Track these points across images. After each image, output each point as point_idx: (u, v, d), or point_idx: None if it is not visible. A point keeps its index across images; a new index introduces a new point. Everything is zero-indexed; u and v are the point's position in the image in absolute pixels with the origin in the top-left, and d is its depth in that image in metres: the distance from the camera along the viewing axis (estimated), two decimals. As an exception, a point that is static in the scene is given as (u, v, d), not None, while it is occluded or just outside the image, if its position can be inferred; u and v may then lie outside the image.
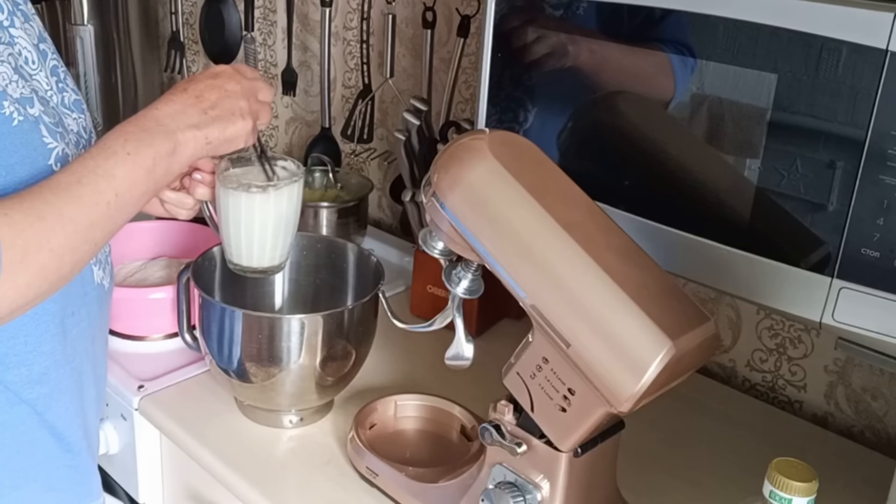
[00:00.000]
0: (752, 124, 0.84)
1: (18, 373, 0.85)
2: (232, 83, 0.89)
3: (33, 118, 0.82)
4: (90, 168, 0.79)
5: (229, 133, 0.88)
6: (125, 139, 0.82)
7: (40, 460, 0.90)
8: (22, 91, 0.82)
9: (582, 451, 0.83)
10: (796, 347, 1.21)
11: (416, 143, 1.32)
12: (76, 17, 1.86)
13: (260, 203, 0.96)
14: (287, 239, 1.01)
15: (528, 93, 1.02)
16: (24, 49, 0.86)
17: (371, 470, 1.01)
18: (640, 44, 0.91)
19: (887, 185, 0.75)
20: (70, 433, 0.92)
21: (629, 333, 0.74)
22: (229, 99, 0.88)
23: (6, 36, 0.84)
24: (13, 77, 0.82)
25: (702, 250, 0.89)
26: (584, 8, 0.94)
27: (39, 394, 0.87)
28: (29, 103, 0.83)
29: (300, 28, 1.78)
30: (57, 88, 0.90)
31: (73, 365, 0.91)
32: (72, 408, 0.92)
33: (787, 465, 0.72)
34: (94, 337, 0.95)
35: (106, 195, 0.79)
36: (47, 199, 0.76)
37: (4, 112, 0.79)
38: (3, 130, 0.79)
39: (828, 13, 0.77)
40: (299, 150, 1.87)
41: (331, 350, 1.06)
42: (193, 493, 1.17)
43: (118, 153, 0.81)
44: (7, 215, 0.72)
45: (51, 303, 0.85)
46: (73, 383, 0.91)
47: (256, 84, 0.92)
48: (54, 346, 0.87)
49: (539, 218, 0.79)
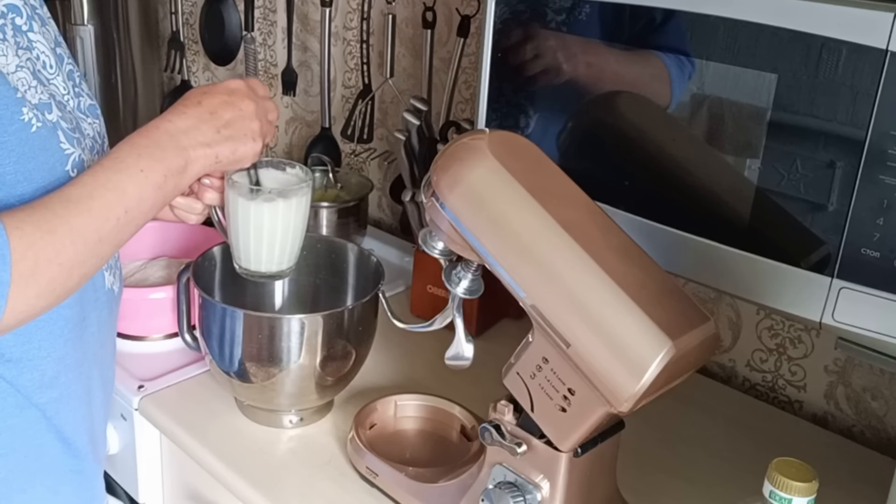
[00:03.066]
0: (752, 124, 0.84)
1: (31, 377, 0.85)
2: (247, 102, 0.89)
3: (51, 124, 0.82)
4: (101, 182, 0.79)
5: (239, 154, 0.88)
6: (138, 154, 0.81)
7: (47, 465, 0.90)
8: (41, 97, 0.82)
9: (582, 451, 0.83)
10: (796, 347, 1.21)
11: (416, 143, 1.32)
12: (76, 17, 1.86)
13: (269, 210, 0.96)
14: (296, 244, 1.01)
15: (528, 93, 1.02)
16: (41, 53, 0.86)
17: (371, 470, 1.01)
18: (641, 44, 0.91)
19: (887, 185, 0.75)
20: (76, 438, 0.92)
21: (629, 333, 0.74)
22: (243, 120, 0.88)
23: (25, 40, 0.84)
24: (32, 82, 0.82)
25: (702, 250, 0.89)
26: (584, 8, 0.94)
27: (49, 398, 0.87)
28: (47, 109, 0.82)
29: (300, 28, 1.78)
30: (73, 93, 0.90)
31: (83, 370, 0.91)
32: (79, 413, 0.92)
33: (787, 465, 0.72)
34: (104, 342, 0.95)
35: (116, 210, 0.79)
36: (58, 213, 0.76)
37: (23, 118, 0.78)
38: (22, 137, 0.78)
39: (828, 13, 0.77)
40: (299, 150, 1.87)
41: (331, 350, 1.06)
42: (193, 493, 1.17)
43: (130, 168, 0.81)
44: (18, 227, 0.72)
45: (66, 308, 0.85)
46: (81, 388, 0.91)
47: (268, 104, 0.92)
48: (66, 350, 0.87)
49: (539, 218, 0.79)
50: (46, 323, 0.84)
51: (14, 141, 0.78)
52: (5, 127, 0.77)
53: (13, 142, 0.78)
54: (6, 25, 0.82)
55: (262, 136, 0.90)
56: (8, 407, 0.84)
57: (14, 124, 0.78)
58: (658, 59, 0.89)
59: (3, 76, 0.78)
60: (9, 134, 0.77)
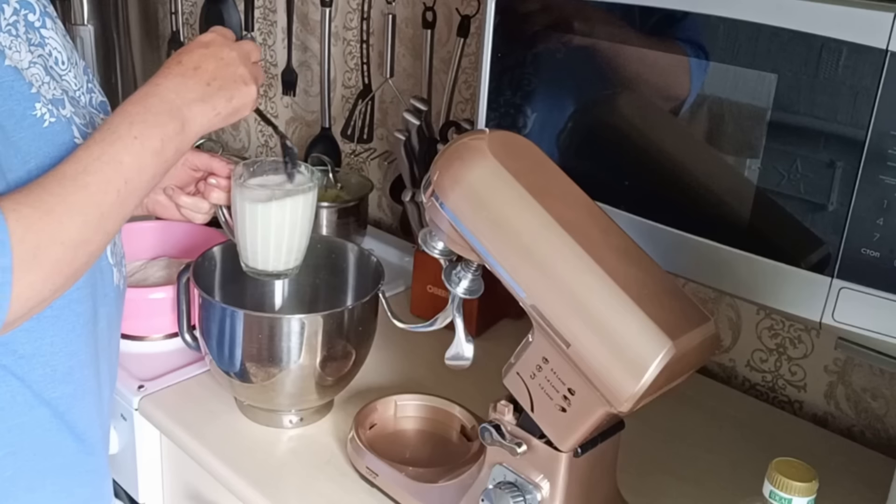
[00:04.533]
0: (752, 124, 0.84)
1: (43, 372, 0.84)
2: (225, 50, 0.86)
3: (66, 118, 0.81)
4: (95, 155, 0.77)
5: (236, 102, 0.86)
6: (130, 122, 0.79)
7: (60, 464, 0.89)
8: (54, 92, 0.82)
9: (582, 451, 0.83)
10: (796, 347, 1.21)
11: (416, 143, 1.32)
12: (76, 17, 1.86)
13: (276, 210, 0.97)
14: (302, 243, 1.02)
15: (528, 93, 1.02)
16: (53, 50, 0.86)
17: (371, 470, 1.01)
18: (641, 45, 0.91)
19: (887, 185, 0.75)
20: (90, 433, 0.91)
21: (629, 333, 0.74)
22: (229, 67, 0.86)
23: (37, 37, 0.84)
24: (45, 78, 0.82)
25: (702, 250, 0.89)
26: (585, 8, 0.94)
27: (63, 393, 0.86)
28: (61, 104, 0.82)
29: (300, 28, 1.78)
30: (86, 88, 0.90)
31: (96, 366, 0.91)
32: (93, 408, 0.92)
33: (787, 465, 0.72)
34: (111, 338, 0.95)
35: (115, 183, 0.77)
36: (54, 192, 0.74)
37: (35, 114, 0.78)
38: (35, 132, 0.78)
39: (828, 13, 0.77)
40: (299, 151, 1.87)
41: (331, 350, 1.06)
42: (193, 493, 1.17)
43: (124, 138, 0.78)
44: (16, 210, 0.71)
45: (78, 303, 0.84)
46: (93, 384, 0.91)
47: (246, 46, 0.89)
48: (79, 346, 0.87)
49: (539, 218, 0.79)
50: (59, 318, 0.83)
51: (28, 136, 0.77)
52: (18, 122, 0.77)
53: (27, 137, 0.77)
54: (18, 22, 0.82)
55: (254, 80, 0.88)
56: (17, 406, 0.84)
57: (27, 119, 0.77)
58: (663, 54, 0.89)
59: (18, 71, 0.78)
60: (22, 129, 0.77)
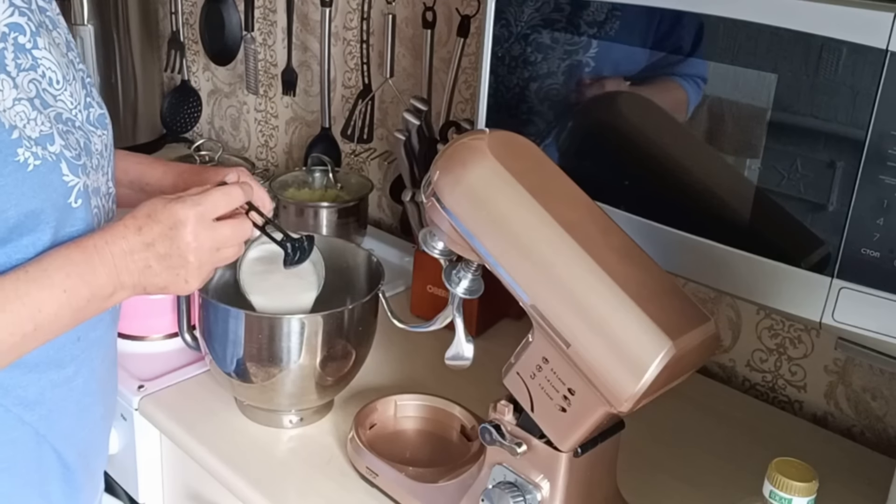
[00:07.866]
0: (752, 124, 0.84)
1: (16, 395, 0.85)
2: (190, 238, 0.83)
3: (53, 157, 0.80)
4: (21, 294, 0.77)
5: (170, 291, 0.86)
6: (67, 273, 0.79)
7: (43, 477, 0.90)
8: (41, 128, 0.80)
9: (582, 451, 0.83)
10: (796, 347, 1.21)
11: (416, 143, 1.32)
12: (76, 17, 1.86)
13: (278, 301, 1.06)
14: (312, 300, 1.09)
15: (528, 93, 1.02)
16: (48, 70, 0.84)
17: (371, 470, 1.01)
18: (642, 45, 0.91)
19: (887, 185, 0.76)
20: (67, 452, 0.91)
21: (629, 333, 0.74)
22: (179, 258, 0.83)
23: (28, 60, 0.82)
24: (31, 114, 0.80)
25: (702, 250, 0.89)
26: (585, 8, 0.94)
27: (39, 415, 0.87)
28: (49, 141, 0.81)
29: (300, 28, 1.78)
30: (84, 104, 0.88)
31: (73, 385, 0.90)
32: (69, 428, 0.91)
33: (787, 465, 0.72)
34: (104, 357, 0.94)
35: (24, 327, 0.77)
36: None
37: (18, 159, 0.77)
38: (19, 177, 0.77)
39: (828, 13, 0.77)
40: (299, 150, 1.87)
41: (331, 350, 1.06)
42: (193, 493, 1.17)
43: (54, 287, 0.78)
44: None
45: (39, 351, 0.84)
46: (73, 405, 0.90)
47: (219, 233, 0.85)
48: (50, 370, 0.87)
49: (539, 218, 0.79)
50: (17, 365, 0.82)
51: (11, 182, 0.77)
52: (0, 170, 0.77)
53: (10, 183, 0.77)
54: (6, 49, 0.80)
55: (201, 274, 0.85)
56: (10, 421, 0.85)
57: (8, 166, 0.77)
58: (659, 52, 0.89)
59: None
60: (3, 176, 0.77)
